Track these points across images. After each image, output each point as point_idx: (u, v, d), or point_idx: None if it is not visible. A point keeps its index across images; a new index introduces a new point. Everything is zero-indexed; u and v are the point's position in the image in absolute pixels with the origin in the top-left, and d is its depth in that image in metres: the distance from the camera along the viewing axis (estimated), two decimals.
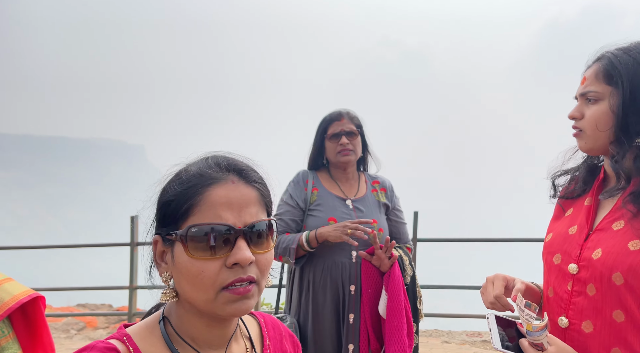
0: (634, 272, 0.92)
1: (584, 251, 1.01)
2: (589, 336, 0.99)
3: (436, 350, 4.25)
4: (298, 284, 2.00)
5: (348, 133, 2.00)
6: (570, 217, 1.11)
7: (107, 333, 5.45)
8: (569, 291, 1.03)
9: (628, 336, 0.95)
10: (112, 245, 5.75)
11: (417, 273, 5.04)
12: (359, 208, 2.00)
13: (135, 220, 5.22)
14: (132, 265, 5.18)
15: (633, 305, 0.93)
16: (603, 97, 1.01)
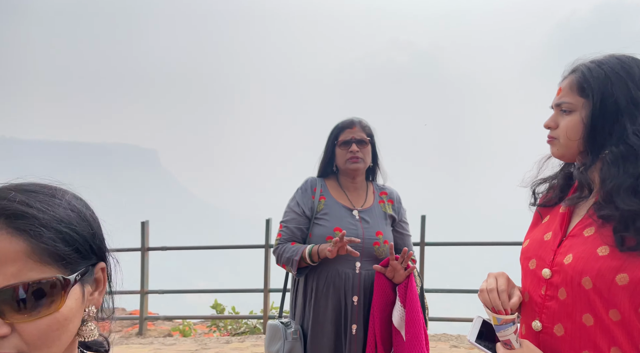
0: (602, 277, 0.95)
1: (557, 256, 1.05)
2: (560, 339, 1.02)
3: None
4: (302, 291, 2.00)
5: (358, 141, 2.00)
6: (547, 224, 1.14)
7: (120, 336, 5.53)
8: (542, 295, 1.06)
9: (597, 339, 0.97)
10: (123, 251, 5.84)
11: (426, 277, 5.04)
12: (364, 219, 1.99)
13: (146, 226, 5.30)
14: (143, 269, 5.26)
15: (601, 309, 0.96)
16: (576, 108, 1.05)
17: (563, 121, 1.07)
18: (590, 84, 1.03)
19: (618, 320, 0.95)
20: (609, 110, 1.01)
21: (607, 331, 0.96)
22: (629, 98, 1.00)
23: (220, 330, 5.73)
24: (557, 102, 1.09)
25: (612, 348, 0.96)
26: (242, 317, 5.54)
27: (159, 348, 4.75)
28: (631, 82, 1.01)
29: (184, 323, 5.74)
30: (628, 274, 0.93)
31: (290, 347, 1.92)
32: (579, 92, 1.05)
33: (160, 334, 5.60)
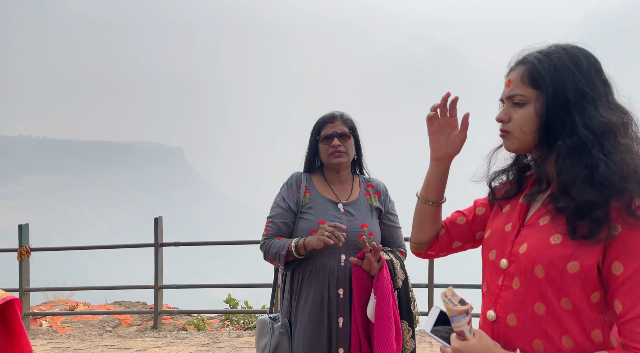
0: (553, 265, 0.96)
1: (514, 246, 1.05)
2: (513, 328, 1.02)
3: None
4: (289, 285, 2.01)
5: (340, 135, 1.99)
6: (507, 214, 1.13)
7: (135, 329, 5.67)
8: (499, 285, 1.06)
9: (548, 328, 0.98)
10: (137, 246, 5.97)
11: (435, 272, 4.94)
12: (350, 212, 1.99)
13: (159, 222, 5.40)
14: (156, 265, 5.36)
15: (553, 297, 0.96)
16: (529, 100, 1.03)
17: (516, 114, 1.05)
18: (542, 75, 1.01)
19: (569, 309, 0.96)
20: (560, 103, 1.00)
21: (558, 320, 0.97)
22: (577, 90, 0.99)
23: (233, 324, 5.80)
24: (509, 95, 1.06)
25: (563, 337, 0.97)
26: (253, 311, 5.59)
27: (172, 342, 4.84)
28: (579, 73, 1.00)
29: (199, 317, 5.83)
30: (579, 262, 0.94)
31: (277, 341, 1.92)
32: (532, 84, 1.03)
33: (175, 328, 5.71)
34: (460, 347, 1.00)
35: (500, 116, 1.08)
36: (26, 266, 5.47)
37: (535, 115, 1.02)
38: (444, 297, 1.01)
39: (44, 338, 5.18)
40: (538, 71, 1.02)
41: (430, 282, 4.89)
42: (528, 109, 1.03)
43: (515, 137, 1.06)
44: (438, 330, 1.06)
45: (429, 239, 1.27)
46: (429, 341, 4.49)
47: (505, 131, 1.07)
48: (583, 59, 1.01)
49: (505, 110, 1.07)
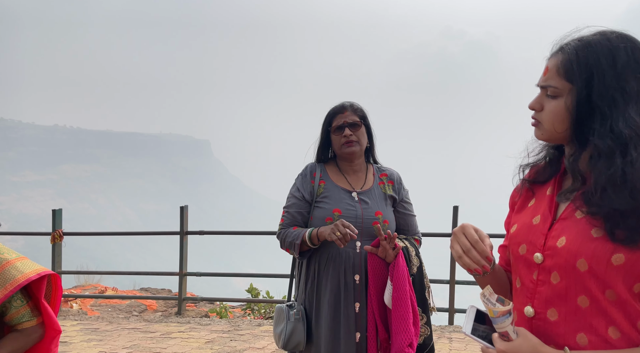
0: (597, 258, 0.93)
1: (548, 240, 1.02)
2: (554, 324, 1.00)
3: (472, 347, 4.14)
4: (305, 273, 2.05)
5: (351, 124, 2.01)
6: (534, 207, 1.11)
7: (160, 315, 5.83)
8: (534, 280, 1.03)
9: (593, 320, 0.95)
10: (163, 234, 6.12)
11: (457, 268, 4.88)
12: (364, 200, 2.01)
13: (185, 211, 5.53)
14: (181, 252, 5.50)
15: (597, 290, 0.94)
16: (562, 93, 0.99)
17: (548, 105, 1.01)
18: (575, 69, 0.96)
19: (614, 300, 0.94)
20: (593, 100, 0.95)
21: (603, 312, 0.95)
22: (604, 89, 0.94)
23: (254, 313, 5.90)
24: (543, 84, 1.02)
25: (609, 328, 0.95)
26: (274, 301, 5.67)
27: (195, 328, 4.97)
28: (611, 69, 0.94)
29: (221, 305, 5.95)
30: (624, 255, 0.92)
31: (292, 328, 1.96)
32: (566, 76, 0.98)
33: (198, 315, 5.85)
34: (506, 348, 0.97)
35: (532, 104, 1.04)
36: (59, 250, 5.71)
37: (566, 109, 0.98)
38: (483, 298, 0.98)
39: (74, 320, 5.40)
40: (572, 63, 0.96)
41: (451, 279, 4.85)
42: (560, 102, 0.99)
43: (545, 128, 1.03)
44: (477, 330, 1.02)
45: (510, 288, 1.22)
46: (448, 337, 4.45)
47: (537, 120, 1.04)
48: (623, 52, 0.95)
49: (538, 99, 1.03)
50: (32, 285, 1.51)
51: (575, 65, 0.96)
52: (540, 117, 1.03)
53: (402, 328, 1.82)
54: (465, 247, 1.05)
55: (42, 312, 1.53)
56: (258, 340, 4.47)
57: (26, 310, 1.49)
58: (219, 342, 4.43)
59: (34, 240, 65.90)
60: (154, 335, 4.69)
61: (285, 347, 1.99)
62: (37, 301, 1.54)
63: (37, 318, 1.51)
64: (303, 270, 2.06)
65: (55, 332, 1.55)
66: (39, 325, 1.51)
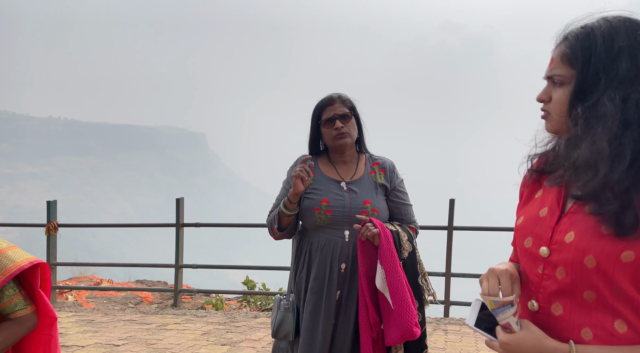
0: (607, 255, 0.91)
1: (555, 234, 1.00)
2: (558, 318, 0.98)
3: (467, 339, 4.16)
4: (295, 263, 2.08)
5: (341, 116, 2.02)
6: (540, 199, 1.09)
7: (156, 307, 5.83)
8: (539, 274, 1.02)
9: (599, 315, 0.94)
10: (159, 226, 6.10)
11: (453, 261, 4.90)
12: (352, 189, 2.02)
13: (181, 203, 5.51)
14: (177, 244, 5.48)
15: (603, 286, 0.93)
16: (567, 80, 0.98)
17: (555, 94, 1.00)
18: (577, 55, 0.95)
19: (621, 294, 0.92)
20: (590, 86, 0.94)
21: (610, 306, 0.93)
22: (604, 68, 0.93)
23: (250, 305, 5.91)
24: (549, 74, 1.01)
25: (616, 321, 0.93)
26: (270, 293, 5.68)
27: (191, 319, 4.97)
28: (606, 53, 0.93)
29: (217, 297, 5.95)
30: (634, 252, 0.90)
31: (281, 317, 2.00)
32: (569, 63, 0.97)
33: (194, 307, 5.85)
34: (509, 340, 0.96)
35: (540, 96, 1.03)
36: (54, 241, 5.68)
37: (569, 95, 0.97)
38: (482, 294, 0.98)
39: (70, 311, 5.39)
40: (574, 50, 0.96)
41: (447, 271, 4.87)
42: (565, 90, 0.98)
43: (554, 119, 1.01)
44: (482, 323, 1.00)
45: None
46: (444, 329, 4.48)
47: (546, 111, 1.03)
48: (623, 33, 0.93)
49: (546, 90, 1.02)
50: (25, 274, 1.52)
51: (578, 50, 0.95)
52: (549, 108, 1.02)
53: (405, 309, 1.82)
54: (483, 288, 1.02)
55: (36, 300, 1.54)
56: (254, 332, 4.48)
57: (19, 298, 1.49)
58: (214, 334, 4.43)
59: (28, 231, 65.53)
60: (150, 327, 4.69)
61: (276, 335, 2.01)
62: (30, 289, 1.54)
63: (30, 306, 1.51)
64: (294, 260, 2.09)
65: (51, 319, 1.56)
66: (32, 313, 1.52)
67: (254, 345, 4.09)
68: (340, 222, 1.96)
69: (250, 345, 4.10)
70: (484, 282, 1.03)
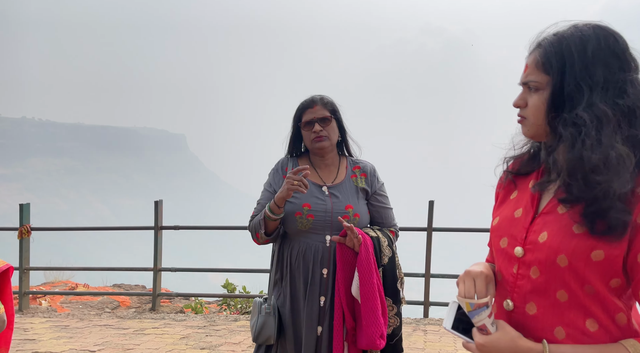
0: (577, 255, 0.94)
1: (529, 234, 1.02)
2: (532, 317, 1.00)
3: (446, 339, 4.21)
4: (276, 267, 2.05)
5: (321, 120, 1.99)
6: (516, 200, 1.11)
7: (133, 311, 5.72)
8: (514, 274, 1.04)
9: (571, 314, 0.96)
10: (137, 229, 6.00)
11: (432, 262, 4.95)
12: (334, 194, 2.00)
13: (160, 205, 5.43)
14: (156, 247, 5.40)
15: (575, 285, 0.95)
16: (542, 86, 1.00)
17: (531, 100, 1.03)
18: (551, 61, 0.98)
19: (592, 294, 0.95)
20: (562, 90, 0.97)
21: (581, 305, 0.96)
22: (574, 78, 0.96)
23: (230, 309, 5.85)
24: (524, 81, 1.04)
25: (587, 320, 0.96)
26: (250, 296, 5.64)
27: (169, 323, 4.90)
28: (580, 59, 0.96)
29: (196, 301, 5.88)
30: (604, 251, 0.92)
31: (262, 321, 1.97)
32: (544, 69, 1.00)
33: (173, 310, 5.76)
34: (484, 342, 0.97)
35: (517, 101, 1.06)
36: (26, 245, 5.52)
37: (544, 102, 1.00)
38: (458, 297, 0.99)
39: (43, 317, 5.24)
40: (548, 56, 0.99)
41: (427, 272, 4.92)
42: (540, 95, 1.01)
43: (530, 123, 1.04)
44: (459, 326, 1.01)
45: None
46: (423, 329, 4.52)
47: (522, 117, 1.06)
48: (594, 41, 0.96)
49: (522, 95, 1.05)
50: None
51: (552, 57, 0.98)
52: (525, 113, 1.04)
53: (372, 321, 1.83)
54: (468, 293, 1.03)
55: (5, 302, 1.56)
56: (234, 335, 4.44)
57: None
58: (194, 338, 4.38)
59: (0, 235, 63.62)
60: (127, 332, 4.60)
61: (257, 340, 1.99)
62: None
63: (2, 307, 1.53)
64: (275, 264, 2.06)
65: (10, 318, 1.59)
66: (3, 313, 1.54)
67: (233, 349, 4.05)
68: (322, 227, 1.95)
69: (230, 349, 4.06)
70: (460, 284, 1.04)
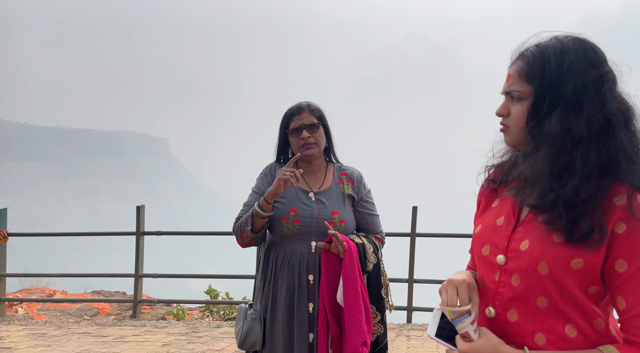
0: (558, 263, 0.96)
1: (511, 242, 1.04)
2: (514, 324, 1.02)
3: (429, 344, 4.24)
4: (262, 272, 2.04)
5: (309, 126, 2.00)
6: (497, 208, 1.13)
7: (113, 318, 5.61)
8: (496, 281, 1.05)
9: (551, 320, 0.98)
10: (118, 234, 5.90)
11: (416, 267, 4.99)
12: (321, 200, 2.01)
13: (142, 210, 5.35)
14: (137, 253, 5.31)
15: (555, 292, 0.97)
16: (524, 96, 1.02)
17: (514, 109, 1.04)
18: (534, 72, 1.00)
19: (571, 301, 0.97)
20: (544, 101, 0.99)
21: (561, 312, 0.98)
22: (555, 87, 0.98)
23: (213, 315, 5.79)
24: (507, 90, 1.06)
25: (566, 326, 0.98)
26: (233, 302, 5.59)
27: (150, 330, 4.82)
28: (559, 71, 0.98)
29: (178, 307, 5.80)
30: (583, 259, 0.95)
31: (248, 327, 1.96)
32: (526, 80, 1.02)
33: (154, 317, 5.67)
34: (467, 349, 0.99)
35: (500, 110, 1.07)
36: (2, 251, 5.38)
37: (525, 112, 1.02)
38: (442, 305, 1.00)
39: (20, 325, 5.10)
40: (531, 67, 1.01)
41: (410, 277, 4.95)
42: (523, 105, 1.02)
43: (513, 132, 1.05)
44: (442, 333, 1.02)
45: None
46: (406, 335, 4.54)
47: (505, 125, 1.07)
48: (572, 53, 0.98)
49: (505, 105, 1.07)
50: None
51: (535, 67, 1.00)
52: (507, 122, 1.06)
53: (355, 328, 1.83)
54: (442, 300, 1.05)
55: None
56: (217, 342, 4.39)
57: None
58: (175, 345, 4.31)
59: None
60: (107, 340, 4.50)
61: (242, 346, 1.98)
62: None
63: None
64: (260, 270, 2.06)
65: None
66: None
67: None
68: (308, 233, 1.95)
69: None
70: (442, 293, 1.05)
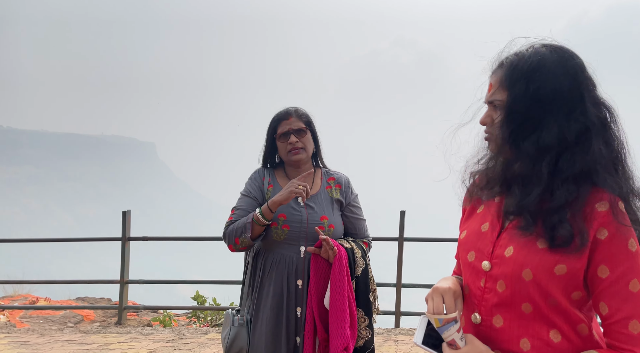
0: (542, 269, 0.97)
1: (496, 249, 1.05)
2: (499, 330, 1.03)
3: (417, 349, 4.25)
4: (250, 278, 2.04)
5: (297, 131, 2.00)
6: (482, 214, 1.14)
7: (98, 325, 5.52)
8: (481, 288, 1.06)
9: (535, 326, 1.00)
10: (103, 240, 5.82)
11: (404, 272, 5.01)
12: (309, 205, 2.01)
13: (127, 215, 5.29)
14: (123, 259, 5.24)
15: (539, 298, 0.98)
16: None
17: (497, 117, 1.05)
18: (513, 80, 1.01)
19: (555, 307, 0.98)
20: (522, 109, 1.00)
21: (545, 317, 0.99)
22: (532, 97, 0.99)
23: (200, 321, 5.73)
24: (489, 100, 1.07)
25: (551, 332, 0.99)
26: (220, 308, 5.54)
27: (136, 337, 4.75)
28: (538, 79, 0.99)
29: (165, 313, 5.73)
30: (566, 265, 0.96)
31: (235, 332, 1.96)
32: (507, 89, 1.03)
33: (140, 324, 5.60)
34: None
35: (483, 119, 1.09)
36: None
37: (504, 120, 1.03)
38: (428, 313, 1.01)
39: (1, 333, 4.99)
40: (510, 75, 1.02)
41: (398, 282, 4.97)
42: (504, 113, 1.04)
43: (496, 140, 1.06)
44: (429, 341, 1.02)
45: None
46: (394, 339, 4.55)
47: (489, 133, 1.08)
48: (551, 63, 0.99)
49: (488, 113, 1.08)
50: None
51: (514, 76, 1.01)
52: (491, 130, 1.07)
53: (337, 332, 1.83)
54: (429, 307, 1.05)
55: None
56: (203, 349, 4.35)
57: None
58: (162, 352, 4.25)
59: None
60: (91, 347, 4.43)
61: (228, 352, 1.96)
62: None
63: None
64: (248, 275, 2.05)
65: None
66: None
67: None
68: (297, 238, 1.95)
69: None
70: (428, 301, 1.06)
